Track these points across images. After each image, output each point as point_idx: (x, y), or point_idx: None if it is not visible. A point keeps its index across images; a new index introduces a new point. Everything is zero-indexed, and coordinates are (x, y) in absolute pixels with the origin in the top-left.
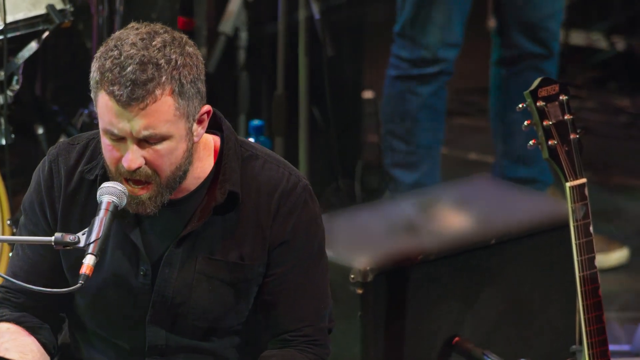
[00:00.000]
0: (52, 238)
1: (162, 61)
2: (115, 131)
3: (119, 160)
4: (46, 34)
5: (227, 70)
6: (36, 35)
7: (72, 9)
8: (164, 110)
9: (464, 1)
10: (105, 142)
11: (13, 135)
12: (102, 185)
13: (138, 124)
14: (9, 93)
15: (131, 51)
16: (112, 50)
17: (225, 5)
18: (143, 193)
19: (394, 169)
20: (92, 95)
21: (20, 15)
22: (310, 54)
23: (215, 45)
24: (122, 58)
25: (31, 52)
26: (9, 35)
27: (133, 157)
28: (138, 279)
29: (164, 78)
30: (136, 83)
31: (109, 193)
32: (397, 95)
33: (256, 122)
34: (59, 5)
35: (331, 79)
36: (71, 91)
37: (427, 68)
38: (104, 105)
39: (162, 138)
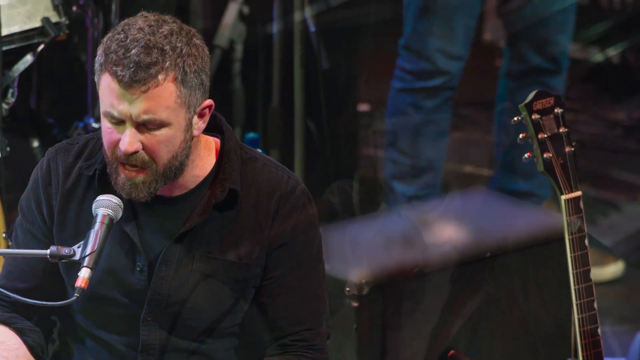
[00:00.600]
0: (48, 251)
1: (167, 47)
2: (115, 113)
3: (116, 144)
4: (41, 46)
5: (223, 83)
6: (31, 48)
7: (67, 22)
8: (165, 96)
9: (469, 14)
10: (105, 125)
11: (8, 149)
12: (98, 199)
13: (138, 107)
14: (4, 106)
15: (137, 35)
16: (119, 33)
17: (220, 18)
18: (138, 176)
19: (393, 181)
20: (95, 79)
21: (15, 28)
22: (306, 67)
23: (211, 58)
24: (128, 41)
25: (26, 65)
26: (4, 48)
27: (131, 141)
28: (134, 274)
29: (167, 63)
30: (140, 65)
31: (105, 206)
32: (400, 107)
33: (252, 134)
34: (54, 18)
35: (326, 91)
36: (66, 104)
37: (429, 81)
38: (106, 86)
39: (161, 124)
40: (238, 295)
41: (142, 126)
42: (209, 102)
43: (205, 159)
